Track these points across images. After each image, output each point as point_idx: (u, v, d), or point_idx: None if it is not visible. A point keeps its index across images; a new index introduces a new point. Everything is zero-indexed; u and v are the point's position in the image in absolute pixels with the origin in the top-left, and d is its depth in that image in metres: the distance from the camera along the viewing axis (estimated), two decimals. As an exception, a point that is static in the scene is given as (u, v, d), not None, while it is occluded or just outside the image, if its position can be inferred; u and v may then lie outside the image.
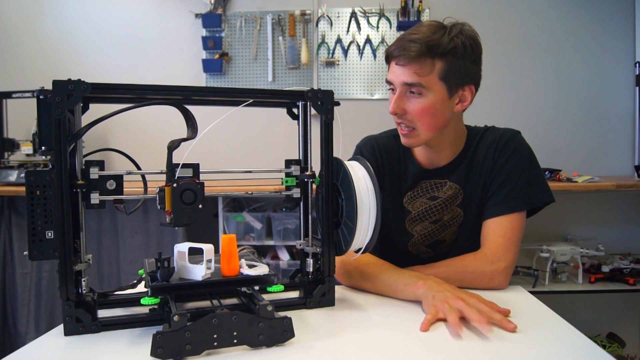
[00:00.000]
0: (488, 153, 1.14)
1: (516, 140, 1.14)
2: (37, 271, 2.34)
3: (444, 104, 1.06)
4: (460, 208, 1.16)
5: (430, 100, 1.04)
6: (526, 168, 1.11)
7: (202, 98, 0.89)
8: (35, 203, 0.73)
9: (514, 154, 1.12)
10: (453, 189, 1.16)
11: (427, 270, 1.04)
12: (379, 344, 0.73)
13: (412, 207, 1.19)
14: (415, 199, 1.18)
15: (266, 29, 2.68)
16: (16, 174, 2.19)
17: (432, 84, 1.03)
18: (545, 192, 1.12)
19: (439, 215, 1.17)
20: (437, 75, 1.03)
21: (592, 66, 2.67)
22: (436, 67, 1.02)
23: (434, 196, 1.17)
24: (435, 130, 1.08)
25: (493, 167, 1.13)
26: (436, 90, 1.03)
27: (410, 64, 1.02)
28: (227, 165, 0.86)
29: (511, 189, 1.09)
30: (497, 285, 1.02)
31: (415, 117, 1.05)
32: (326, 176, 0.87)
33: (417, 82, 1.02)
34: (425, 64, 1.01)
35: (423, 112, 1.04)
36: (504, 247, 1.05)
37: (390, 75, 1.08)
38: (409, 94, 1.05)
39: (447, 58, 1.02)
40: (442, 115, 1.07)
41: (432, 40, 1.01)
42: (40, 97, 0.72)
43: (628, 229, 2.55)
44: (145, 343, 0.67)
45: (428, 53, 1.01)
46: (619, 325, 2.52)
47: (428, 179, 1.18)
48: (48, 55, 2.71)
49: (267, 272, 0.78)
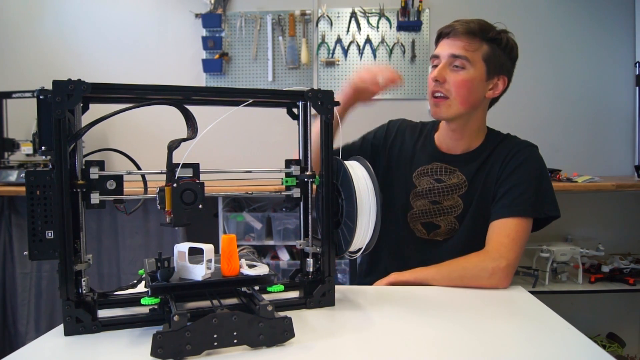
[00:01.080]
0: (498, 159, 1.18)
1: (530, 151, 1.18)
2: (37, 271, 2.34)
3: (481, 83, 1.16)
4: (461, 199, 1.20)
5: (470, 74, 1.13)
6: (536, 178, 1.14)
7: (202, 98, 0.89)
8: (35, 203, 0.73)
9: (524, 163, 1.15)
10: (459, 178, 1.20)
11: (429, 269, 1.07)
12: (379, 344, 0.73)
13: (419, 183, 1.25)
14: (424, 176, 1.24)
15: (266, 29, 2.68)
16: (16, 174, 2.19)
17: (476, 60, 1.13)
18: (552, 205, 1.15)
19: (439, 198, 1.22)
20: (481, 55, 1.14)
21: (592, 66, 2.67)
22: (482, 48, 1.14)
23: (440, 179, 1.22)
24: (467, 105, 1.15)
25: (501, 174, 1.16)
26: (478, 67, 1.14)
27: (460, 38, 1.13)
28: (227, 165, 0.87)
29: (519, 194, 1.12)
30: (497, 283, 1.02)
31: (454, 86, 1.14)
32: (326, 176, 0.86)
33: (464, 55, 1.12)
34: (474, 42, 1.13)
35: (462, 83, 1.13)
36: (508, 246, 1.06)
37: (438, 49, 1.18)
38: (452, 67, 1.14)
39: (492, 45, 1.14)
40: (476, 92, 1.16)
41: (484, 25, 1.14)
42: (40, 97, 0.72)
43: (628, 229, 2.55)
44: (145, 343, 0.67)
45: (479, 33, 1.13)
46: (619, 325, 2.52)
47: (441, 161, 1.24)
48: (48, 55, 2.71)
49: (267, 272, 0.78)
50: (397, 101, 2.69)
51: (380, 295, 0.99)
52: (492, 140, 1.23)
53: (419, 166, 1.25)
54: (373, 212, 0.85)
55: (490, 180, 1.17)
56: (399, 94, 2.68)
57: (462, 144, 1.22)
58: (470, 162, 1.21)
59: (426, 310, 0.89)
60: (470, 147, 1.22)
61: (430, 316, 0.85)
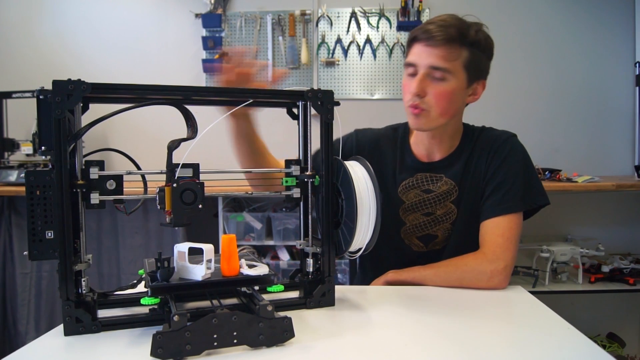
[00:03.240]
0: (482, 155, 1.16)
1: (511, 142, 1.15)
2: (37, 271, 2.34)
3: (462, 92, 1.10)
4: (453, 205, 1.17)
5: (451, 85, 1.07)
6: (522, 170, 1.12)
7: (202, 98, 0.89)
8: (35, 203, 0.73)
9: (509, 157, 1.13)
10: (448, 184, 1.17)
11: (427, 269, 1.06)
12: (379, 344, 0.73)
13: (406, 198, 1.20)
14: (410, 189, 1.20)
15: (266, 29, 2.68)
16: (16, 174, 2.19)
17: (457, 70, 1.06)
18: (540, 194, 1.13)
19: (431, 209, 1.19)
20: (462, 63, 1.07)
21: (592, 66, 2.67)
22: (462, 55, 1.06)
23: (428, 189, 1.19)
24: (448, 116, 1.10)
25: (487, 169, 1.14)
26: (458, 77, 1.07)
27: (440, 47, 1.04)
28: (227, 165, 0.87)
29: (507, 190, 1.10)
30: (496, 285, 1.02)
31: (434, 99, 1.07)
32: (326, 176, 0.86)
33: (444, 66, 1.05)
34: (454, 50, 1.05)
35: (443, 96, 1.07)
36: (503, 247, 1.06)
37: (413, 57, 1.09)
38: (431, 78, 1.07)
39: (471, 49, 1.07)
40: (457, 102, 1.10)
41: (463, 29, 1.05)
42: (40, 97, 0.72)
43: (628, 229, 2.55)
44: (145, 343, 0.67)
45: (458, 40, 1.05)
46: (619, 325, 2.52)
47: (424, 171, 1.19)
48: (48, 55, 2.71)
49: (267, 272, 0.78)
50: (396, 101, 2.69)
51: (380, 295, 0.99)
52: (470, 137, 1.19)
53: (402, 181, 1.20)
54: (373, 212, 0.85)
55: (477, 177, 1.15)
56: (398, 94, 2.68)
57: (441, 148, 1.18)
58: (454, 165, 1.18)
59: (426, 311, 0.89)
60: (450, 149, 1.19)
61: (430, 316, 0.85)
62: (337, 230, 0.90)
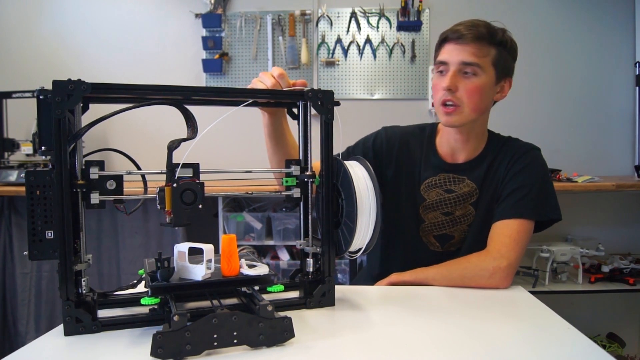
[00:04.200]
0: (503, 161, 1.18)
1: (534, 154, 1.18)
2: (37, 271, 2.34)
3: (491, 88, 1.15)
4: (472, 207, 1.19)
5: (482, 80, 1.12)
6: (539, 182, 1.14)
7: (202, 98, 0.89)
8: (35, 203, 0.73)
9: (529, 166, 1.15)
10: (470, 186, 1.20)
11: (430, 269, 1.07)
12: (379, 344, 0.73)
13: (428, 196, 1.22)
14: (432, 188, 1.22)
15: (266, 29, 2.68)
16: (16, 174, 2.19)
17: (486, 66, 1.12)
18: (554, 208, 1.15)
19: (451, 209, 1.21)
20: (491, 60, 1.12)
21: (592, 66, 2.67)
22: (491, 52, 1.12)
23: (450, 189, 1.21)
24: (479, 111, 1.14)
25: (506, 175, 1.17)
26: (488, 73, 1.12)
27: (470, 44, 1.10)
28: (227, 165, 0.87)
29: (522, 196, 1.12)
30: (497, 283, 1.02)
31: (466, 94, 1.11)
32: (326, 176, 0.86)
33: (475, 61, 1.10)
34: (483, 47, 1.11)
35: (474, 90, 1.11)
36: (509, 246, 1.06)
37: (444, 55, 1.14)
38: (462, 74, 1.11)
39: (499, 48, 1.13)
40: (487, 98, 1.15)
41: (491, 28, 1.12)
42: (40, 97, 0.72)
43: (628, 229, 2.55)
44: (145, 343, 0.67)
45: (488, 38, 1.11)
46: (619, 325, 2.52)
47: (447, 172, 1.22)
48: (48, 55, 2.71)
49: (267, 272, 0.78)
50: (396, 101, 2.69)
51: (380, 295, 0.99)
52: (495, 143, 1.22)
53: (425, 179, 1.23)
54: (373, 212, 0.85)
55: (496, 182, 1.18)
56: (398, 94, 2.68)
57: (466, 150, 1.21)
58: (477, 168, 1.20)
59: (426, 310, 0.89)
60: (474, 152, 1.21)
61: (430, 316, 0.85)
62: (337, 230, 0.90)
